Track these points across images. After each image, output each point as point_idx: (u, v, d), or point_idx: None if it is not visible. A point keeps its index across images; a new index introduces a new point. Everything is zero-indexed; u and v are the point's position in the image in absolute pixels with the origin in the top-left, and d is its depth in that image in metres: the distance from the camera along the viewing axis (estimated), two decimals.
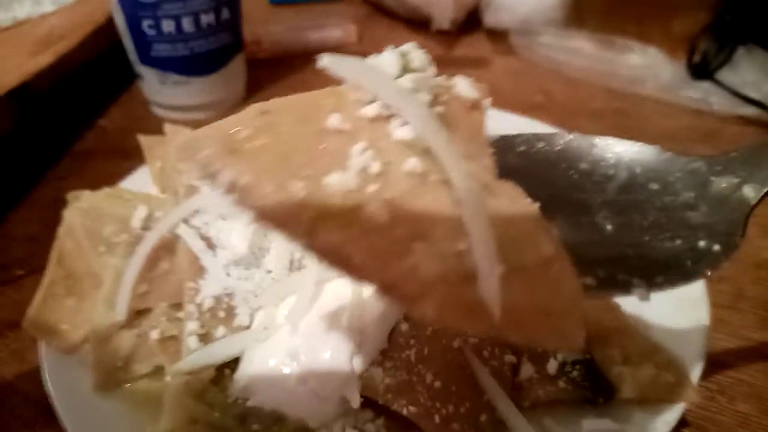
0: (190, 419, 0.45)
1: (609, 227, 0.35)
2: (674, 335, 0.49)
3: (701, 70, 0.90)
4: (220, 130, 0.32)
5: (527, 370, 0.47)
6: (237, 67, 0.91)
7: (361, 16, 1.23)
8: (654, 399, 0.44)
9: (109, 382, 0.49)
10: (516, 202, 0.32)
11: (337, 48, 1.05)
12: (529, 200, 0.33)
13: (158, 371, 0.50)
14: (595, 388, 0.45)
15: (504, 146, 0.37)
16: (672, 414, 0.44)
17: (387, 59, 0.35)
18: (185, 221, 0.52)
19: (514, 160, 0.38)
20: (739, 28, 0.89)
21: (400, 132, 0.32)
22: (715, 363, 0.49)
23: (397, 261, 0.27)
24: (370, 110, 0.33)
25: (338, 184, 0.29)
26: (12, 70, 0.79)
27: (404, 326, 0.47)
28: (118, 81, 0.99)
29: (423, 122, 0.32)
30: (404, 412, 0.43)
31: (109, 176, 0.66)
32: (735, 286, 0.60)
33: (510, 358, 0.48)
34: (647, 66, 0.92)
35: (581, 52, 0.97)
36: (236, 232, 0.51)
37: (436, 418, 0.43)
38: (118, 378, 0.49)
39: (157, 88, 0.87)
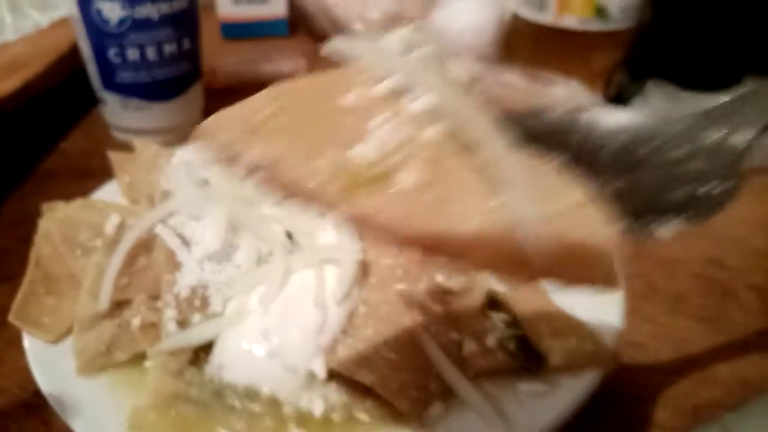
0: (171, 395, 0.49)
1: (611, 188, 0.37)
2: (594, 315, 0.56)
3: (616, 101, 1.00)
4: (237, 115, 0.33)
5: (470, 345, 0.53)
6: (195, 95, 0.97)
7: (310, 51, 1.30)
8: (578, 365, 0.51)
9: (92, 367, 0.53)
10: (540, 159, 0.36)
11: (291, 76, 1.10)
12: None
13: (137, 358, 0.54)
14: (528, 358, 0.52)
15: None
16: (592, 376, 0.51)
17: (393, 39, 0.37)
18: (162, 221, 0.57)
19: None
20: (649, 64, 1.01)
21: (415, 105, 0.34)
22: (631, 344, 0.57)
23: (432, 224, 0.29)
24: (382, 88, 0.35)
25: (361, 156, 0.30)
26: None
27: (362, 308, 0.54)
28: (79, 106, 1.03)
29: (443, 89, 0.34)
30: (366, 380, 0.49)
31: (72, 195, 0.69)
32: (647, 281, 0.68)
33: (454, 335, 0.54)
34: (570, 97, 1.02)
35: (513, 86, 1.07)
36: (209, 230, 0.56)
37: (393, 386, 0.49)
38: (100, 363, 0.53)
39: (119, 112, 0.92)
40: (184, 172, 0.62)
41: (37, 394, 0.56)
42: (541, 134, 0.40)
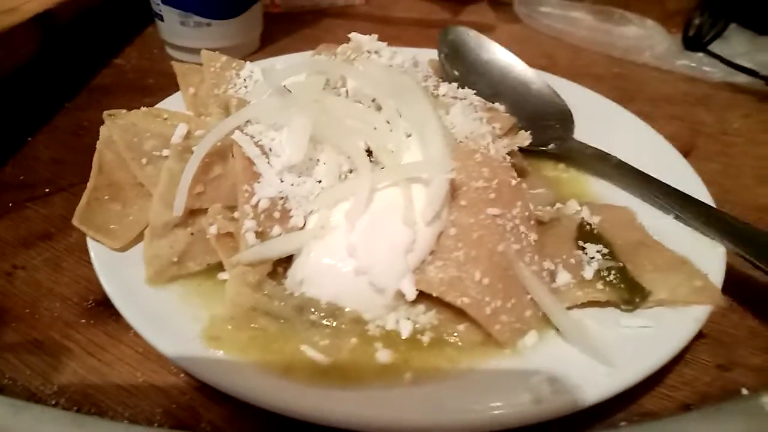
0: (251, 307, 0.47)
1: None
2: (695, 255, 0.53)
3: (695, 43, 0.95)
4: None
5: (563, 276, 0.50)
6: (255, 15, 0.93)
7: None
8: (683, 301, 0.48)
9: (162, 277, 0.50)
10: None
11: (346, 8, 1.07)
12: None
13: (210, 270, 0.52)
14: (630, 289, 0.49)
15: None
16: (701, 313, 0.47)
17: None
18: (240, 129, 0.53)
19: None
20: (731, 6, 0.95)
21: None
22: (724, 288, 0.53)
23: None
24: None
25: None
26: None
27: (452, 230, 0.50)
28: (131, 23, 1.00)
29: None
30: (458, 303, 0.46)
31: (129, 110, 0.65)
32: None
33: (548, 264, 0.51)
34: (644, 37, 0.97)
35: (581, 22, 1.02)
36: (290, 141, 0.52)
37: (487, 310, 0.46)
38: (171, 273, 0.50)
39: (176, 29, 0.88)
40: (262, 81, 0.58)
41: (99, 303, 0.54)
42: None
